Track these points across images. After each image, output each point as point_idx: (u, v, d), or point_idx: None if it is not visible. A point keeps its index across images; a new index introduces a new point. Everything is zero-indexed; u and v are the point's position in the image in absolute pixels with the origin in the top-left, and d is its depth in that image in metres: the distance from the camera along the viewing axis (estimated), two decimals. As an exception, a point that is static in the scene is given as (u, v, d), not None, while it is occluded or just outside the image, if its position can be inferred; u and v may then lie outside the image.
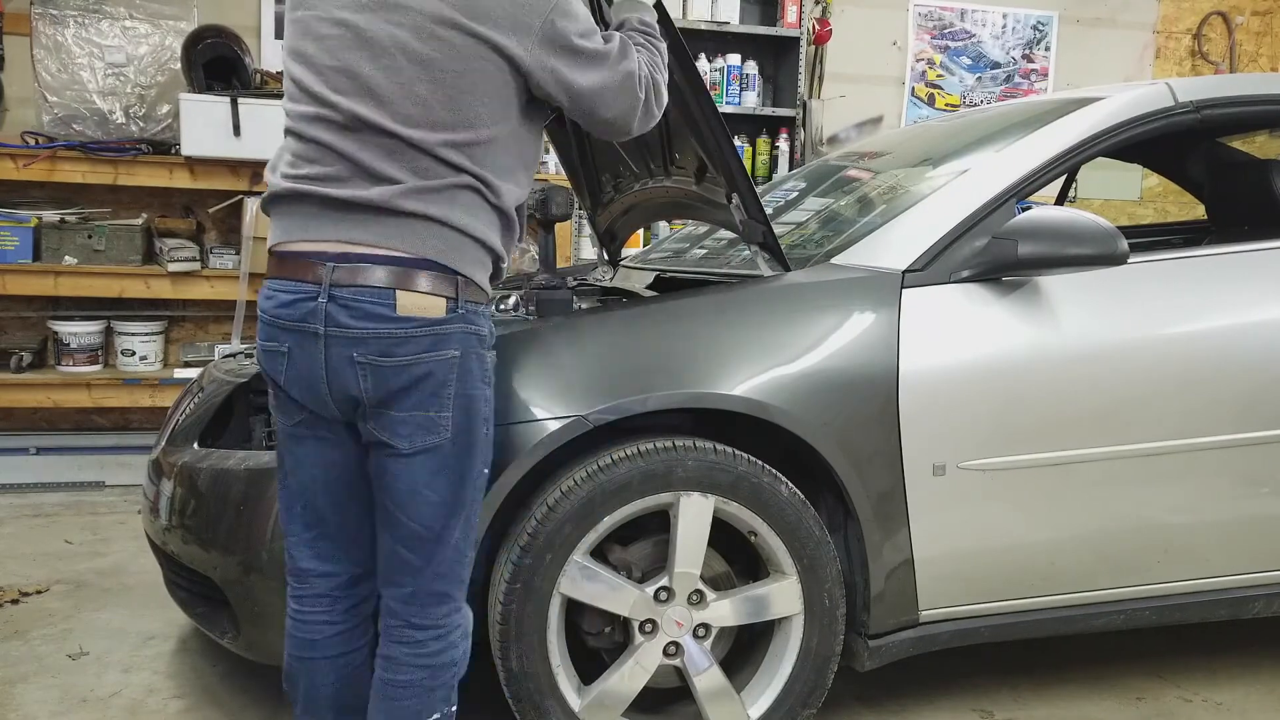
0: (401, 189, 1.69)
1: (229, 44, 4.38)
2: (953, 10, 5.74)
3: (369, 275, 1.69)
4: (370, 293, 1.68)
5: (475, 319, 1.77)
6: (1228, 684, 2.78)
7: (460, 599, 1.85)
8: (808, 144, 5.28)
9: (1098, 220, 2.28)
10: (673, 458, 2.13)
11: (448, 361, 1.73)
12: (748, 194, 2.38)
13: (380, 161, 1.70)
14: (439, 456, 1.76)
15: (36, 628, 2.94)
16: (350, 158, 1.71)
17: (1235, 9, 6.08)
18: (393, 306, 1.68)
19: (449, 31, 1.69)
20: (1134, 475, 2.40)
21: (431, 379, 1.72)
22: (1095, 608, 2.48)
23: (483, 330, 1.79)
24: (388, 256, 1.69)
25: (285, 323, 1.73)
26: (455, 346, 1.73)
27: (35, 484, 4.40)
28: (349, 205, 1.71)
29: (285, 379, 1.77)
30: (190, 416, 2.47)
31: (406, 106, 1.69)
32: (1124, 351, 2.39)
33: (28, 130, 4.44)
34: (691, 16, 5.13)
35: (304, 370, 1.73)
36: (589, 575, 2.13)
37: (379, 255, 1.69)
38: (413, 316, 1.69)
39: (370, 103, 1.69)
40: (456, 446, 1.77)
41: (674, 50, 2.11)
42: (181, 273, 4.37)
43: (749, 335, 2.24)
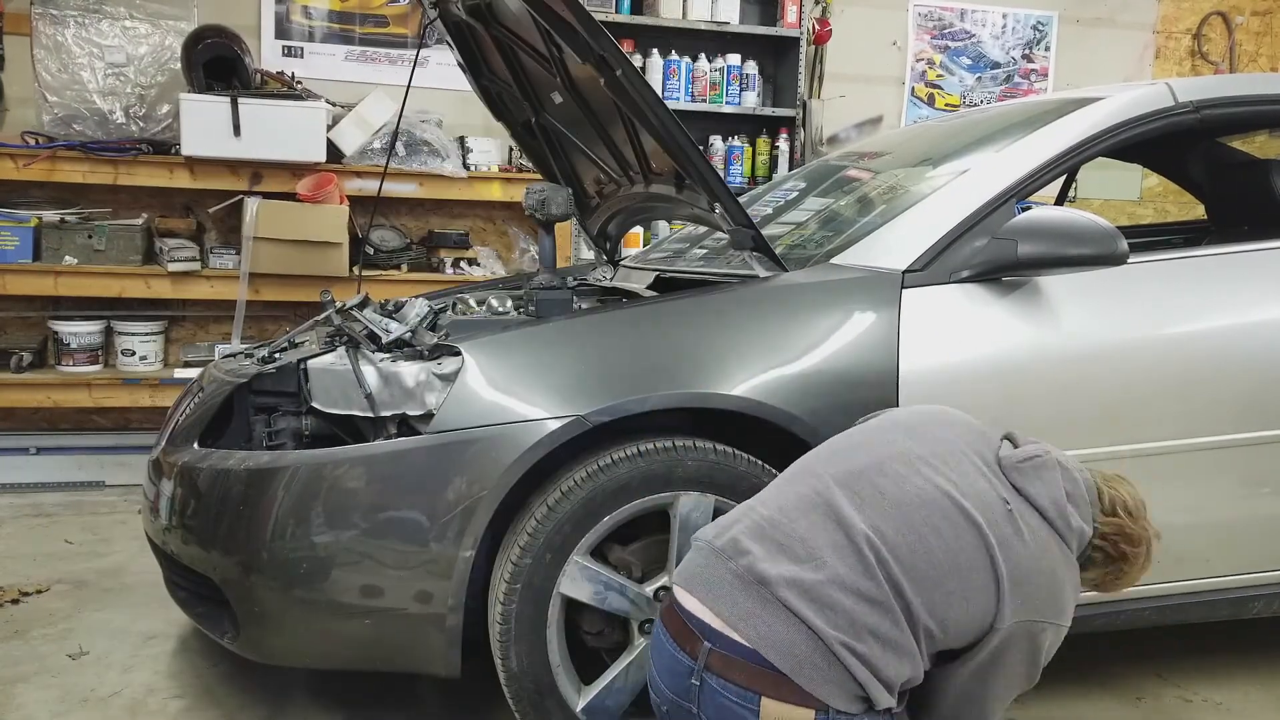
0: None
1: (229, 44, 4.38)
2: (953, 10, 5.74)
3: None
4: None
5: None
6: (1228, 684, 2.78)
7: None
8: (808, 144, 5.28)
9: (1097, 220, 2.28)
10: (673, 458, 2.13)
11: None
12: (729, 202, 2.40)
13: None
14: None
15: (37, 628, 2.94)
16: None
17: (1235, 9, 6.08)
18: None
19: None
20: (1134, 475, 2.39)
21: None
22: (1096, 608, 2.48)
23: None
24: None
25: None
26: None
27: (35, 484, 4.40)
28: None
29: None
30: (190, 416, 2.47)
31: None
32: (1124, 351, 2.39)
33: (28, 130, 4.44)
34: (691, 16, 5.13)
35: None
36: (589, 575, 2.13)
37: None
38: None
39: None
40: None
41: (640, 81, 2.18)
42: (181, 273, 4.37)
43: (749, 335, 2.24)
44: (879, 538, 1.69)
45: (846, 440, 1.90)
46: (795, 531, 1.72)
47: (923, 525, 1.71)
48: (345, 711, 2.53)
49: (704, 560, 1.75)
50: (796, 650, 1.63)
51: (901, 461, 1.79)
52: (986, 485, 1.78)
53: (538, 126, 3.08)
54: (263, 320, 4.77)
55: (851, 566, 1.67)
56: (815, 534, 1.71)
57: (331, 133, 4.51)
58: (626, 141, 2.67)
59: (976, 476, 1.79)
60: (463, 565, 2.09)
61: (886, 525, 1.71)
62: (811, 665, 1.63)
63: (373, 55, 4.94)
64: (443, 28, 2.97)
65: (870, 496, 1.74)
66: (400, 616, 2.13)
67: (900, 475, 1.77)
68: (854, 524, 1.70)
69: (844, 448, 1.87)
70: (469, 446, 2.10)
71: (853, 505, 1.73)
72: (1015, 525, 1.75)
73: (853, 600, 1.65)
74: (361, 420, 2.28)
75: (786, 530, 1.72)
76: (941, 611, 1.69)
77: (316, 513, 2.12)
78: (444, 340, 2.30)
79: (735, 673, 1.65)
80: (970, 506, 1.74)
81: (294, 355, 2.49)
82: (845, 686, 1.64)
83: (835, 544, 1.69)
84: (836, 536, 1.70)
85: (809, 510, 1.74)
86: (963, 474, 1.79)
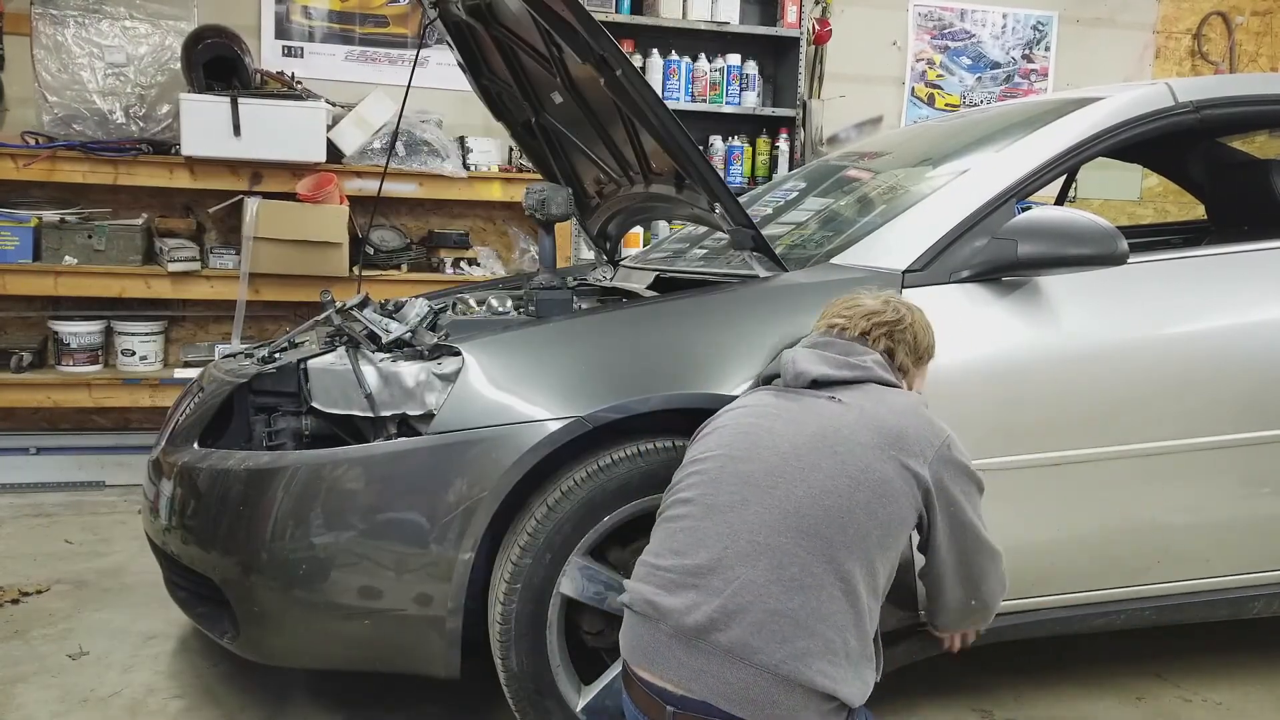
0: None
1: (229, 44, 4.38)
2: (953, 10, 5.74)
3: None
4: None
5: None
6: (1228, 684, 2.78)
7: None
8: (808, 144, 5.28)
9: (1097, 220, 2.28)
10: (672, 458, 2.13)
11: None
12: (729, 202, 2.40)
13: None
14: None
15: (37, 628, 2.94)
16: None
17: (1235, 9, 6.08)
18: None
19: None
20: (1134, 475, 2.40)
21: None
22: (1095, 608, 2.48)
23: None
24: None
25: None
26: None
27: (35, 484, 4.40)
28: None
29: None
30: (190, 416, 2.47)
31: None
32: (1124, 351, 2.39)
33: (28, 130, 4.44)
34: (691, 16, 5.13)
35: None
36: (589, 575, 2.13)
37: None
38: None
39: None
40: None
41: (640, 81, 2.20)
42: (181, 273, 4.37)
43: (749, 335, 2.24)
44: (774, 516, 1.70)
45: (695, 465, 1.88)
46: (700, 567, 1.70)
47: (800, 473, 1.74)
48: (345, 711, 2.53)
49: (637, 629, 1.75)
50: (751, 694, 1.62)
51: (745, 442, 1.82)
52: (809, 402, 1.86)
53: (538, 126, 3.07)
54: (263, 320, 4.77)
55: (768, 564, 1.67)
56: (718, 557, 1.69)
57: (331, 133, 4.51)
58: (626, 141, 2.67)
59: (796, 403, 1.87)
60: (462, 567, 2.09)
61: (771, 499, 1.72)
62: (771, 703, 1.62)
63: (373, 55, 4.94)
64: (443, 28, 2.97)
65: (742, 488, 1.75)
66: (400, 618, 2.13)
67: (751, 451, 1.80)
68: (746, 524, 1.70)
69: (698, 469, 1.85)
70: (469, 447, 2.10)
71: (733, 506, 1.73)
72: (855, 407, 1.83)
73: (785, 597, 1.64)
74: (361, 420, 2.28)
75: (691, 569, 1.71)
76: (873, 527, 1.72)
77: (316, 513, 2.12)
78: (444, 340, 2.30)
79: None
80: (820, 428, 1.80)
81: (294, 355, 2.49)
82: (812, 705, 1.63)
83: (741, 554, 1.68)
84: (738, 546, 1.69)
85: (701, 539, 1.73)
86: (790, 411, 1.86)
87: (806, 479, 1.73)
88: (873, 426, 1.79)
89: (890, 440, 1.78)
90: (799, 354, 1.96)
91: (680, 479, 1.87)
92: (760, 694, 1.62)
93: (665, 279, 2.77)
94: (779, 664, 1.61)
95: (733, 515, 1.72)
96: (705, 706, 1.64)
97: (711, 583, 1.68)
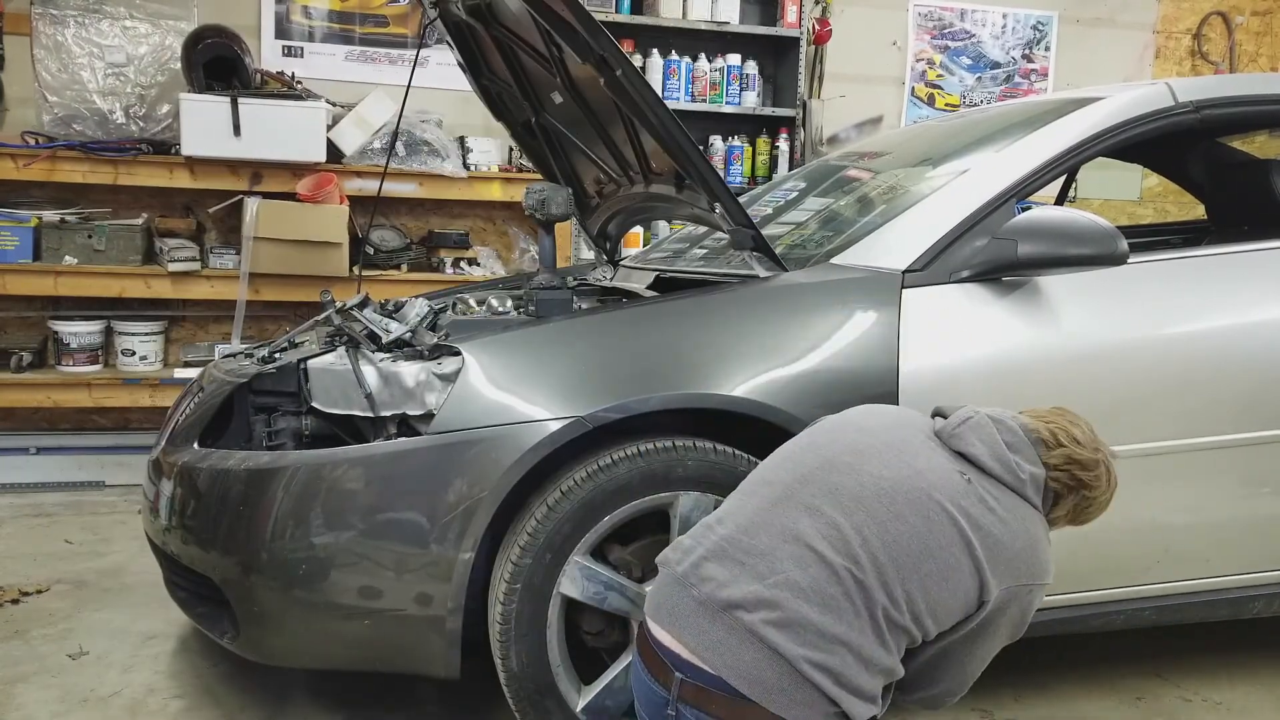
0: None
1: (229, 44, 4.38)
2: (953, 10, 5.73)
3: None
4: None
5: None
6: (1228, 684, 2.78)
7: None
8: (808, 144, 5.28)
9: (1097, 220, 2.28)
10: (673, 458, 2.13)
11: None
12: (729, 202, 2.40)
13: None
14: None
15: (37, 628, 2.94)
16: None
17: (1235, 9, 6.08)
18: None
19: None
20: (1134, 475, 2.39)
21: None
22: (1095, 608, 2.48)
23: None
24: None
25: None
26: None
27: (35, 484, 4.40)
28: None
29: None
30: (190, 416, 2.47)
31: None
32: (1124, 351, 2.39)
33: (28, 130, 4.44)
34: (692, 16, 5.13)
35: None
36: (589, 575, 2.13)
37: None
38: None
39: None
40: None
41: (640, 81, 2.20)
42: (181, 273, 4.37)
43: (749, 336, 2.24)
44: (841, 537, 1.67)
45: (796, 445, 1.88)
46: (756, 547, 1.69)
47: (885, 514, 1.70)
48: (345, 711, 2.53)
49: (668, 589, 1.74)
50: (763, 677, 1.62)
51: (852, 453, 1.78)
52: (941, 461, 1.78)
53: (538, 126, 3.07)
54: (263, 320, 4.77)
55: (815, 576, 1.65)
56: (775, 547, 1.68)
57: (331, 133, 4.51)
58: (626, 141, 2.67)
59: (930, 454, 1.79)
60: (462, 567, 2.09)
61: (847, 522, 1.69)
62: (779, 690, 1.61)
63: (373, 55, 4.93)
64: (443, 28, 2.97)
65: (827, 497, 1.72)
66: (400, 618, 2.13)
67: (853, 467, 1.76)
68: (813, 530, 1.68)
69: (795, 452, 1.86)
70: (469, 447, 2.10)
71: (810, 510, 1.71)
72: (978, 495, 1.75)
73: (819, 612, 1.63)
74: (361, 420, 2.28)
75: (746, 547, 1.70)
76: (920, 598, 1.68)
77: (316, 513, 2.12)
78: (444, 340, 2.30)
79: (709, 703, 1.64)
80: (929, 485, 1.73)
81: (294, 355, 2.49)
82: (818, 706, 1.62)
83: (796, 556, 1.67)
84: (796, 548, 1.68)
85: (767, 522, 1.72)
86: (915, 454, 1.78)
87: (885, 523, 1.69)
88: (978, 525, 1.73)
89: (984, 547, 1.72)
90: (979, 419, 1.83)
91: (784, 452, 1.85)
92: (772, 678, 1.62)
93: (665, 279, 2.77)
94: (796, 660, 1.61)
95: (804, 517, 1.70)
96: (714, 680, 1.63)
97: (758, 567, 1.67)
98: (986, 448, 1.80)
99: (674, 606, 1.70)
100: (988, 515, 1.74)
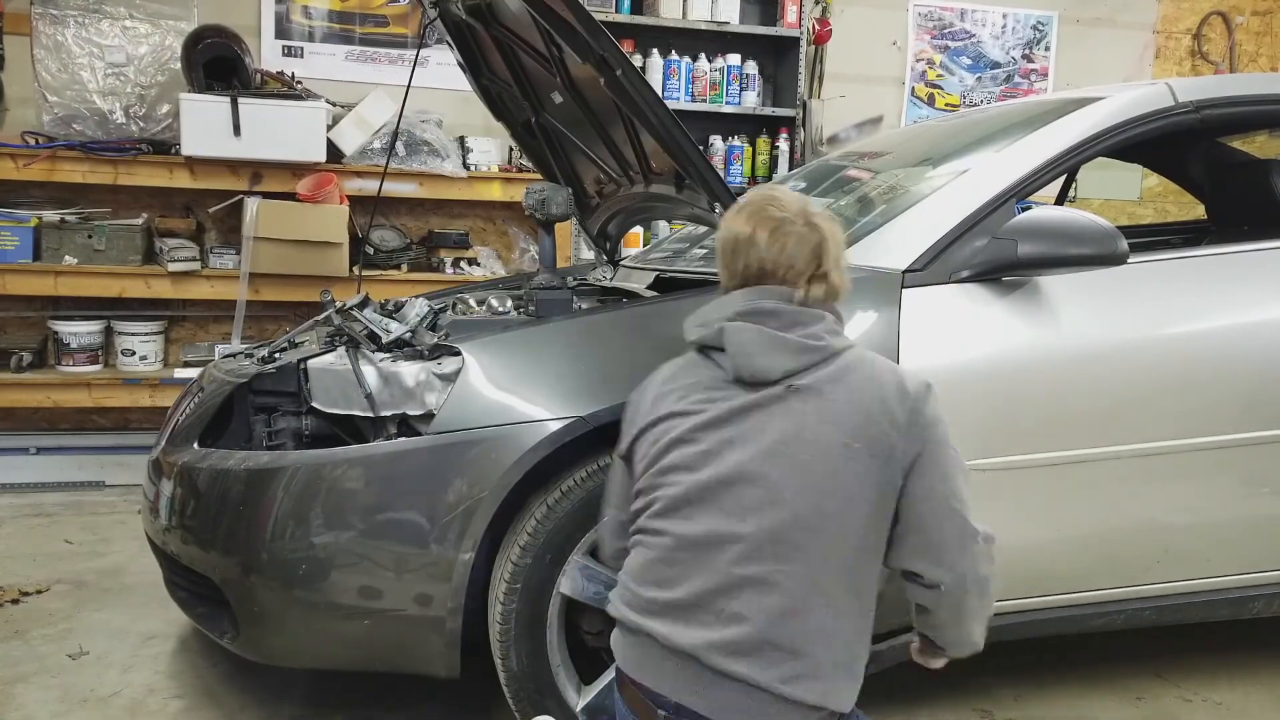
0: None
1: (229, 44, 4.38)
2: (953, 10, 5.74)
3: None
4: None
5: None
6: (1228, 684, 2.78)
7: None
8: (808, 144, 5.28)
9: (1097, 220, 2.28)
10: (673, 458, 2.13)
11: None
12: (729, 202, 2.39)
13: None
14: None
15: (37, 628, 2.94)
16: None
17: (1235, 9, 6.08)
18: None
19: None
20: (1134, 475, 2.40)
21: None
22: (1095, 608, 2.48)
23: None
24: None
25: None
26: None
27: (35, 484, 4.40)
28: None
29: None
30: (190, 416, 2.47)
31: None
32: (1124, 351, 2.39)
33: (28, 130, 4.44)
34: (692, 16, 5.13)
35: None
36: (589, 575, 2.13)
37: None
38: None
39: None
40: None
41: (640, 81, 2.20)
42: (181, 273, 4.37)
43: (749, 335, 2.23)
44: (747, 551, 1.63)
45: (653, 476, 1.75)
46: (681, 601, 1.64)
47: (765, 498, 1.63)
48: (345, 712, 2.53)
49: (631, 644, 1.71)
50: (744, 705, 1.61)
51: (707, 461, 1.68)
52: (768, 410, 1.67)
53: (538, 126, 3.08)
54: (263, 320, 4.77)
55: (749, 598, 1.61)
56: (698, 594, 1.63)
57: (331, 133, 4.51)
58: (626, 141, 2.67)
59: (753, 418, 1.67)
60: (462, 567, 2.09)
61: (743, 535, 1.63)
62: (764, 714, 1.60)
63: (373, 55, 4.94)
64: (443, 28, 2.97)
65: (712, 518, 1.65)
66: (400, 618, 2.13)
67: (716, 475, 1.66)
68: (722, 556, 1.63)
69: (659, 479, 1.74)
70: (470, 447, 2.10)
71: (709, 541, 1.65)
72: (809, 403, 1.66)
73: (770, 631, 1.60)
74: (361, 420, 2.28)
75: (673, 604, 1.65)
76: (849, 524, 1.64)
77: (316, 513, 2.12)
78: (444, 340, 2.30)
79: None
80: (774, 442, 1.65)
81: (294, 355, 2.49)
82: (807, 715, 1.62)
83: (720, 589, 1.62)
84: (715, 579, 1.63)
85: (678, 572, 1.66)
86: (746, 420, 1.68)
87: (775, 499, 1.64)
88: (835, 419, 1.65)
89: (856, 430, 1.65)
90: (747, 341, 1.69)
91: (649, 496, 1.74)
92: (754, 707, 1.61)
93: (665, 279, 2.77)
94: (769, 685, 1.60)
95: (707, 549, 1.65)
96: (698, 716, 1.63)
97: (699, 616, 1.64)
98: (785, 357, 1.68)
99: (641, 660, 1.68)
100: (835, 398, 1.67)
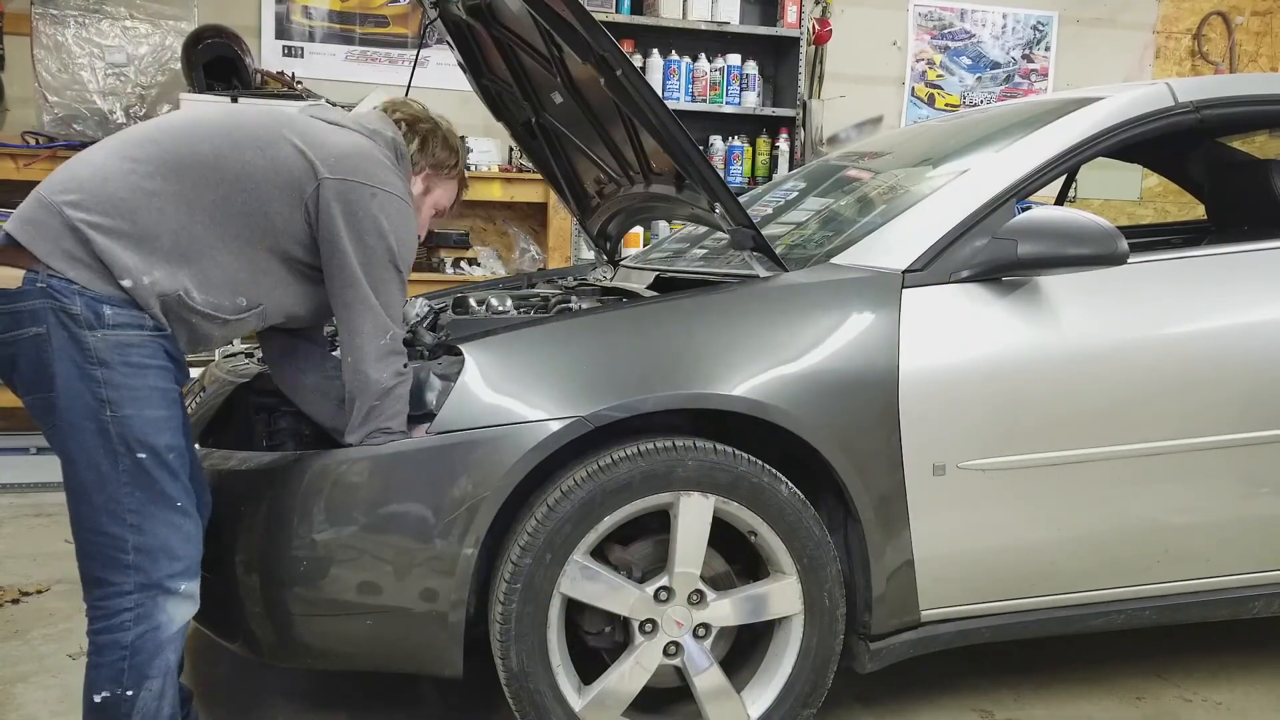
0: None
1: (229, 44, 4.38)
2: (953, 10, 5.74)
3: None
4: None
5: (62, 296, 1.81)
6: (1228, 684, 2.78)
7: (122, 584, 1.87)
8: (808, 144, 5.29)
9: (1098, 220, 2.28)
10: (673, 458, 2.13)
11: (31, 340, 1.82)
12: (729, 202, 2.39)
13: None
14: (57, 440, 1.86)
15: (37, 627, 2.94)
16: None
17: (1235, 9, 6.08)
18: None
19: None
20: (1134, 475, 2.40)
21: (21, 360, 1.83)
22: (1095, 608, 2.48)
23: (74, 308, 1.82)
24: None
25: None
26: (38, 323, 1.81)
27: (35, 484, 4.40)
28: None
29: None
30: (191, 416, 2.47)
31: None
32: (1124, 351, 2.39)
33: (28, 130, 4.44)
34: (692, 16, 5.13)
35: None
36: (589, 575, 2.13)
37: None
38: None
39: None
40: (64, 429, 1.85)
41: (640, 81, 2.22)
42: (181, 273, 4.36)
43: (749, 335, 2.24)
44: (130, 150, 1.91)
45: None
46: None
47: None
48: (345, 712, 2.53)
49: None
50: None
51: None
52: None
53: (538, 126, 3.08)
54: (263, 320, 4.76)
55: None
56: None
57: (331, 133, 4.50)
58: (626, 141, 2.67)
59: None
60: (465, 562, 2.09)
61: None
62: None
63: (373, 55, 4.94)
64: (443, 28, 2.97)
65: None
66: (401, 619, 2.13)
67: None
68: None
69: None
70: (470, 447, 2.10)
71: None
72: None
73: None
74: (362, 420, 2.27)
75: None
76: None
77: (317, 513, 2.12)
78: (444, 340, 2.30)
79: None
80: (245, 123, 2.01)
81: (294, 355, 2.48)
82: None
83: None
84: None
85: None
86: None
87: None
88: (294, 123, 2.04)
89: (301, 137, 2.00)
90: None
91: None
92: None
93: (665, 279, 2.77)
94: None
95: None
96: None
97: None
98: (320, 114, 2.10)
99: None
100: (313, 123, 2.05)
